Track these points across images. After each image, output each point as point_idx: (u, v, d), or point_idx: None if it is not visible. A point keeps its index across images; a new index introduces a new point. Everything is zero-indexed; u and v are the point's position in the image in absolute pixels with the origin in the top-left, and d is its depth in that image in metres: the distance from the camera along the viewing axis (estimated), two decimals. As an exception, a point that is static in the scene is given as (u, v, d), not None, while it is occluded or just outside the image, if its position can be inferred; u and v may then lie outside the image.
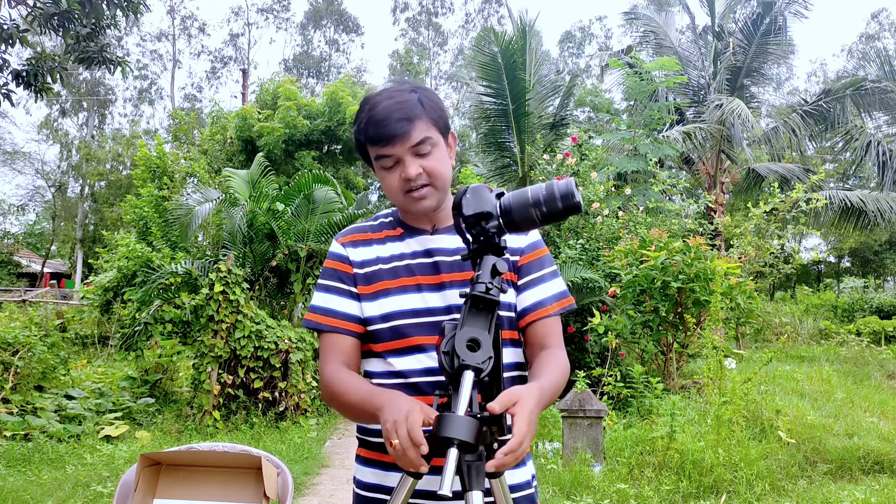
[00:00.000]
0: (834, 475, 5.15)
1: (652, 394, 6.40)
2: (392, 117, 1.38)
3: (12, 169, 30.45)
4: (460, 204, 1.28)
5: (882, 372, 10.02)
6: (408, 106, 1.40)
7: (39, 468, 5.24)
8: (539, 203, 1.25)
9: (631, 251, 7.26)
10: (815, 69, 40.76)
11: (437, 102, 1.47)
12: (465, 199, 1.28)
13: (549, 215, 1.26)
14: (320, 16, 42.47)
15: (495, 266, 1.24)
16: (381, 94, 1.44)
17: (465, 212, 1.27)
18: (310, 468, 5.66)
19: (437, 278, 1.45)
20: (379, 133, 1.39)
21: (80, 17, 6.49)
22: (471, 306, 1.23)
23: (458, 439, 1.12)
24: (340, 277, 1.50)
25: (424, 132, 1.40)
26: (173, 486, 2.07)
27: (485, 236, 1.27)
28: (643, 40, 15.80)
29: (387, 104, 1.40)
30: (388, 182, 1.44)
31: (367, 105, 1.44)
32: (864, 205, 13.14)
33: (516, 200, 1.27)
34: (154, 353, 8.27)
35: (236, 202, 8.90)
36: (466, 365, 1.17)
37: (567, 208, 1.25)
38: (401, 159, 1.40)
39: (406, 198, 1.43)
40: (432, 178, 1.42)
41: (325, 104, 13.84)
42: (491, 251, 1.27)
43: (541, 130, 13.26)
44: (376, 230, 1.54)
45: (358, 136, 1.45)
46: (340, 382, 1.41)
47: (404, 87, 1.45)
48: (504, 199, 1.28)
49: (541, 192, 1.26)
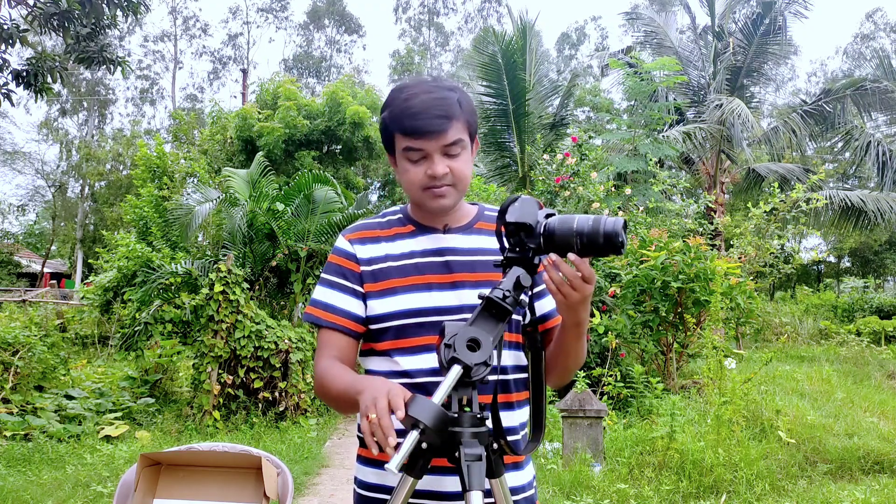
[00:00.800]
0: (834, 475, 5.15)
1: (652, 394, 6.40)
2: (431, 112, 1.37)
3: (12, 169, 30.48)
4: (506, 210, 1.28)
5: (882, 372, 10.03)
6: (447, 104, 1.39)
7: (39, 468, 5.24)
8: (581, 233, 1.23)
9: (631, 251, 7.26)
10: (815, 69, 40.84)
11: (472, 106, 1.46)
12: (513, 207, 1.28)
13: (588, 248, 1.23)
14: (321, 15, 42.46)
15: (519, 279, 1.24)
16: (419, 86, 1.42)
17: (508, 218, 1.27)
18: (310, 468, 5.66)
19: (450, 277, 1.44)
20: (415, 126, 1.37)
21: (80, 17, 6.49)
22: (483, 308, 1.23)
23: (421, 422, 1.13)
24: (344, 274, 1.49)
25: (458, 133, 1.40)
26: (173, 486, 2.07)
27: (521, 248, 1.27)
28: (644, 40, 15.82)
29: (426, 98, 1.39)
30: (411, 175, 1.42)
31: (402, 94, 1.42)
32: (864, 205, 13.14)
33: (561, 224, 1.25)
34: (154, 353, 8.27)
35: (236, 202, 8.89)
36: (458, 359, 1.17)
37: (607, 246, 1.22)
38: (430, 155, 1.39)
39: (426, 194, 1.42)
40: (456, 179, 1.42)
41: (325, 104, 13.83)
42: (521, 264, 1.26)
43: (541, 130, 13.27)
44: (385, 227, 1.53)
45: (389, 123, 1.42)
46: (328, 374, 1.41)
47: (443, 85, 1.44)
48: (551, 220, 1.27)
49: (587, 223, 1.24)
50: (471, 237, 1.50)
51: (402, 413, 1.15)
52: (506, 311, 1.22)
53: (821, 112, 13.85)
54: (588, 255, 1.24)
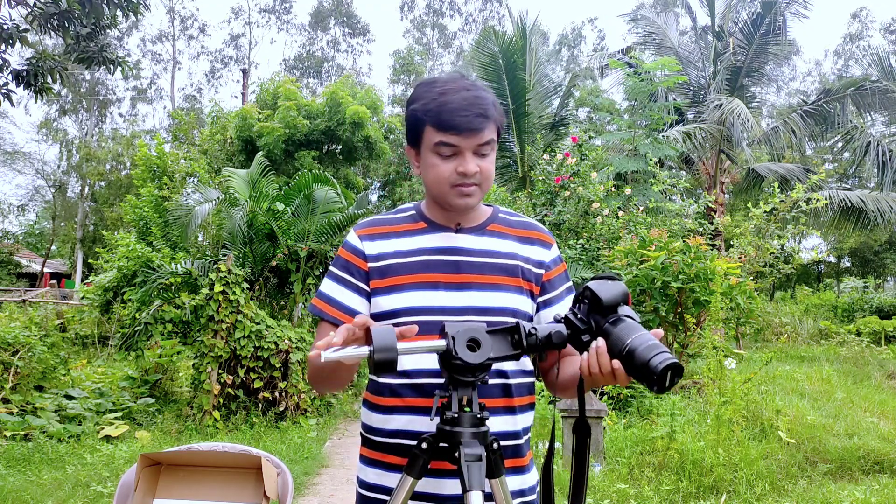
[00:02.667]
0: (834, 475, 5.15)
1: (652, 394, 6.39)
2: (471, 110, 1.37)
3: (12, 169, 30.46)
4: (598, 279, 1.26)
5: (882, 372, 10.03)
6: (486, 104, 1.39)
7: (39, 468, 5.24)
8: (632, 350, 1.17)
9: (631, 251, 7.26)
10: (809, 69, 40.88)
11: (501, 108, 1.47)
12: (606, 283, 1.25)
13: (629, 363, 1.18)
14: (325, 16, 42.41)
15: (552, 336, 1.23)
16: (454, 83, 1.42)
17: (600, 293, 1.23)
18: (310, 468, 5.65)
19: (458, 278, 1.44)
20: (454, 121, 1.36)
21: (80, 17, 6.49)
22: (507, 328, 1.24)
23: (371, 341, 1.15)
24: (350, 270, 1.49)
25: (491, 134, 1.41)
26: (173, 486, 2.07)
27: (582, 320, 1.25)
28: (645, 41, 15.82)
29: (464, 95, 1.38)
30: (439, 170, 1.41)
31: (436, 88, 1.41)
32: (864, 205, 13.14)
33: (625, 328, 1.21)
34: (154, 353, 8.26)
35: (236, 202, 8.89)
36: (446, 335, 1.19)
37: (643, 373, 1.16)
38: (462, 152, 1.39)
39: (453, 191, 1.41)
40: (483, 178, 1.42)
41: (325, 104, 13.84)
42: (569, 327, 1.25)
43: (541, 130, 13.27)
44: (397, 223, 1.52)
45: (422, 116, 1.40)
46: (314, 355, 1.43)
47: (477, 84, 1.44)
48: (626, 320, 1.23)
49: (643, 342, 1.17)
50: (482, 238, 1.49)
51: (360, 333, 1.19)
52: (521, 346, 1.22)
53: (820, 112, 13.85)
54: (627, 372, 1.19)
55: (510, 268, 1.47)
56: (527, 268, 1.49)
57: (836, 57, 37.78)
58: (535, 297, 1.50)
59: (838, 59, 37.17)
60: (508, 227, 1.54)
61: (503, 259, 1.48)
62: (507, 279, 1.45)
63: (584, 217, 8.70)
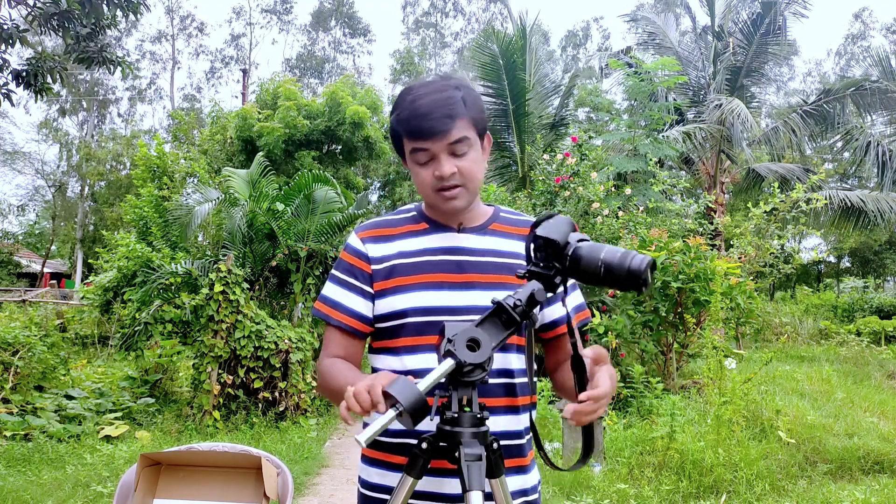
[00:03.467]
0: (834, 475, 5.15)
1: (652, 394, 6.40)
2: (435, 113, 1.36)
3: (12, 169, 30.49)
4: (540, 223, 1.28)
5: (882, 372, 10.02)
6: (452, 103, 1.38)
7: (39, 468, 5.24)
8: (607, 264, 1.22)
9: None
10: (810, 69, 40.88)
11: (479, 103, 1.45)
12: (547, 222, 1.27)
13: (610, 279, 1.22)
14: (326, 17, 42.39)
15: (535, 294, 1.23)
16: (424, 87, 1.42)
17: (539, 231, 1.26)
18: (310, 468, 5.65)
19: (461, 277, 1.44)
20: (420, 127, 1.37)
21: (80, 17, 6.49)
22: (493, 313, 1.23)
23: (398, 401, 1.12)
24: (354, 273, 1.48)
25: (463, 131, 1.38)
26: (173, 486, 2.07)
27: (545, 265, 1.26)
28: (645, 41, 15.82)
29: (431, 98, 1.38)
30: (421, 177, 1.42)
31: (408, 96, 1.41)
32: (864, 205, 13.14)
33: (589, 251, 1.24)
34: (154, 353, 8.26)
35: (236, 202, 8.89)
36: (453, 354, 1.17)
37: (629, 282, 1.20)
38: (436, 156, 1.38)
39: (437, 195, 1.42)
40: (465, 178, 1.41)
41: (326, 104, 13.83)
42: (541, 280, 1.25)
43: (541, 130, 13.27)
44: (399, 224, 1.52)
45: (396, 126, 1.42)
46: (330, 370, 1.42)
47: (449, 83, 1.43)
48: (582, 244, 1.26)
49: (614, 255, 1.22)
50: (485, 238, 1.49)
51: (380, 398, 1.15)
52: (514, 321, 1.21)
53: (820, 112, 13.85)
54: (609, 285, 1.23)
55: (513, 266, 1.47)
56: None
57: (837, 57, 37.84)
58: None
59: (840, 60, 37.22)
60: (510, 226, 1.54)
61: (506, 258, 1.48)
62: (510, 278, 1.45)
63: (584, 217, 8.70)
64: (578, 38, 41.08)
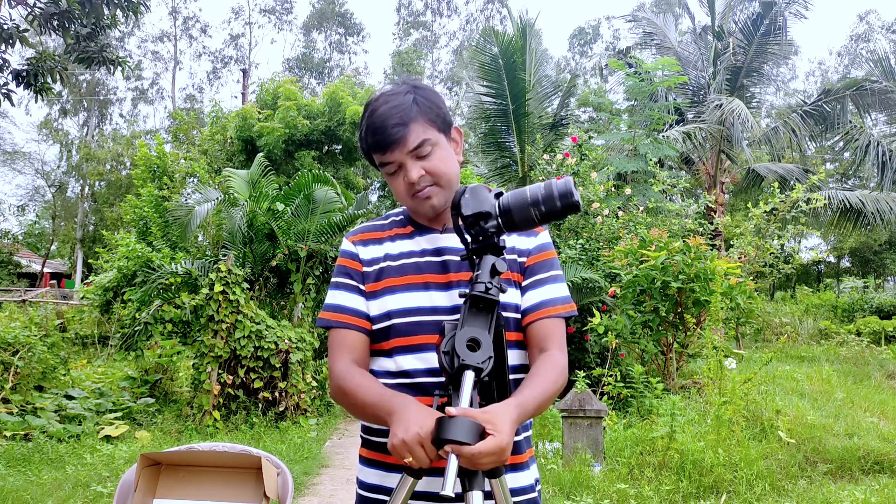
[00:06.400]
0: (834, 475, 5.15)
1: (652, 394, 6.40)
2: (388, 124, 1.38)
3: (12, 169, 30.49)
4: (459, 204, 1.28)
5: (882, 372, 10.03)
6: (402, 110, 1.39)
7: (39, 468, 5.24)
8: (538, 202, 1.25)
9: (631, 251, 7.26)
10: (812, 69, 40.89)
11: (434, 100, 1.45)
12: (464, 199, 1.28)
13: (548, 214, 1.26)
14: (325, 17, 42.41)
15: (494, 266, 1.24)
16: (379, 99, 1.43)
17: (463, 212, 1.27)
18: (310, 468, 5.66)
19: (445, 277, 1.44)
20: (377, 140, 1.40)
21: (80, 17, 6.49)
22: (470, 306, 1.23)
23: (463, 442, 1.12)
24: (350, 274, 1.50)
25: (422, 134, 1.39)
26: (173, 486, 2.07)
27: (484, 236, 1.27)
28: (645, 41, 15.82)
29: (383, 110, 1.40)
30: (395, 187, 1.45)
31: (367, 111, 1.44)
32: (863, 205, 13.14)
33: (515, 200, 1.27)
34: (154, 353, 8.26)
35: (236, 202, 8.89)
36: (467, 365, 1.17)
37: (565, 207, 1.25)
38: (402, 164, 1.40)
39: (413, 200, 1.43)
40: (436, 177, 1.41)
41: (325, 104, 13.82)
42: (490, 251, 1.26)
43: (541, 130, 13.25)
44: (386, 228, 1.55)
45: (361, 144, 1.46)
46: (352, 380, 1.40)
47: (400, 89, 1.44)
48: (503, 198, 1.28)
49: (539, 191, 1.26)
50: None
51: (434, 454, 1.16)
52: (493, 302, 1.22)
53: (820, 112, 13.85)
54: (549, 221, 1.26)
55: None
56: (511, 258, 1.48)
57: (840, 57, 37.82)
58: (520, 285, 1.48)
59: (842, 60, 37.20)
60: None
61: None
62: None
63: (583, 217, 8.70)
64: (588, 35, 40.95)
